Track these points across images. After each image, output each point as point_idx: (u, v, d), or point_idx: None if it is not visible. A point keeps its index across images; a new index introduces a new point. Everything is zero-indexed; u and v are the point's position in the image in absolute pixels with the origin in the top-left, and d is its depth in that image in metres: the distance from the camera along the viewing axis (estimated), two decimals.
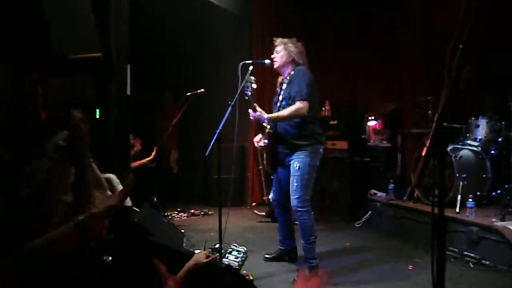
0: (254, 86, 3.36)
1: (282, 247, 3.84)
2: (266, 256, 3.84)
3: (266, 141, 3.57)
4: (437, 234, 1.05)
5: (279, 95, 3.63)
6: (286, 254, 3.83)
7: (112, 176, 2.77)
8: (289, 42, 3.57)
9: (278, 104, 3.59)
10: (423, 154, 1.04)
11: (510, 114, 4.05)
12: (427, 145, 1.04)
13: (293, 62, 3.56)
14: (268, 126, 3.52)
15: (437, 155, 1.04)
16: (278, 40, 3.61)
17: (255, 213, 5.87)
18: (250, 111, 3.46)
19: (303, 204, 3.40)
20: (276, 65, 3.59)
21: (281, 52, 3.56)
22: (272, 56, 3.59)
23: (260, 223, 5.37)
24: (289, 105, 3.45)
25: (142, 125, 6.19)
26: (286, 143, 3.50)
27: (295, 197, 3.41)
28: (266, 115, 3.44)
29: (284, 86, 3.57)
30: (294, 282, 3.28)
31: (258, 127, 3.56)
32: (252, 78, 3.36)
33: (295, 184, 3.40)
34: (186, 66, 6.81)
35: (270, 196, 3.86)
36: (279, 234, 3.88)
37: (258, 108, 3.46)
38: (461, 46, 1.06)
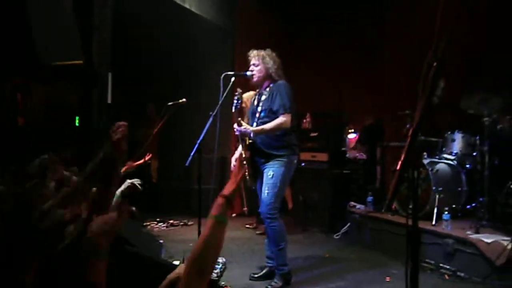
0: (241, 99, 3.39)
1: (270, 264, 3.63)
2: (254, 275, 3.66)
3: (244, 156, 3.57)
4: (411, 245, 1.08)
5: (257, 106, 3.65)
6: (274, 272, 3.58)
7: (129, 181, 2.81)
8: (266, 56, 3.57)
9: (257, 115, 3.60)
10: (398, 167, 1.07)
11: (483, 129, 4.16)
12: (401, 158, 1.07)
13: (270, 76, 3.58)
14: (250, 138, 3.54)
15: (411, 169, 1.07)
16: (254, 53, 3.60)
17: (246, 227, 5.77)
18: (235, 125, 3.48)
19: (272, 211, 3.42)
20: (255, 79, 3.59)
21: (259, 66, 3.57)
22: (250, 69, 3.60)
23: (240, 237, 5.36)
24: (269, 117, 3.49)
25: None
26: (263, 153, 3.52)
27: (265, 204, 3.43)
28: (250, 129, 3.46)
29: (263, 97, 3.59)
30: None
31: (239, 138, 3.56)
32: (240, 90, 3.39)
33: (266, 192, 3.43)
34: (169, 76, 6.80)
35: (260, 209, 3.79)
36: (266, 249, 3.68)
37: (243, 123, 3.48)
38: (434, 63, 1.10)
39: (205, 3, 6.06)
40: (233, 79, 3.44)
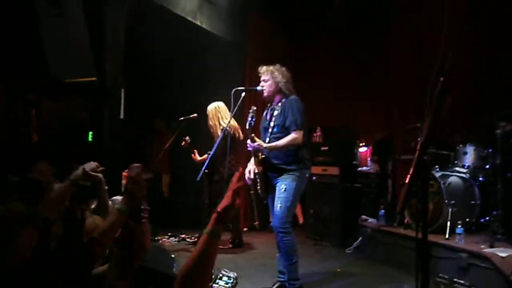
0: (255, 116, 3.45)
1: (282, 279, 3.59)
2: None
3: (256, 171, 3.61)
4: (421, 258, 1.08)
5: (270, 121, 3.68)
6: (286, 287, 3.56)
7: (118, 198, 2.82)
8: (275, 70, 3.62)
9: (270, 130, 3.64)
10: (406, 181, 1.08)
11: (496, 141, 4.13)
12: (410, 172, 1.08)
13: (280, 90, 3.62)
14: (263, 153, 3.58)
15: (420, 182, 1.08)
16: (264, 68, 3.66)
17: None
18: (249, 141, 3.52)
19: (285, 225, 3.43)
20: (265, 94, 3.64)
21: (269, 82, 3.61)
22: (261, 85, 3.65)
23: (251, 251, 5.34)
24: (281, 132, 3.53)
25: (135, 148, 6.19)
26: (275, 167, 3.56)
27: (277, 218, 3.44)
28: (264, 145, 3.50)
29: (276, 113, 3.63)
30: None
31: (252, 153, 3.60)
32: (254, 108, 3.44)
33: (279, 205, 3.44)
34: (180, 91, 6.87)
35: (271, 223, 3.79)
36: (278, 264, 3.64)
37: (256, 139, 3.51)
38: (441, 78, 1.12)
39: (216, 20, 6.15)
40: (243, 94, 3.48)
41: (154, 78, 6.54)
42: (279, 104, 3.63)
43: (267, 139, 3.61)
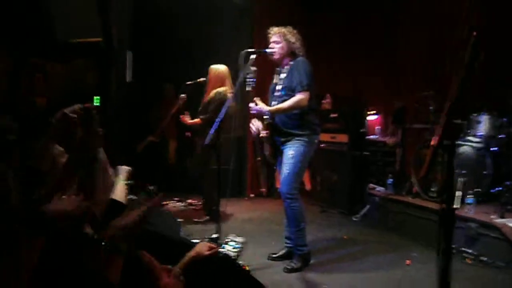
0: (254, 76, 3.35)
1: (289, 244, 3.63)
2: (272, 255, 3.66)
3: (266, 132, 3.53)
4: (444, 227, 1.02)
5: (276, 84, 3.58)
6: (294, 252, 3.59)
7: (124, 168, 2.77)
8: (287, 33, 3.48)
9: (276, 94, 3.54)
10: (432, 144, 1.01)
11: (511, 111, 4.02)
12: (438, 135, 1.01)
13: (292, 53, 3.50)
14: (268, 117, 3.49)
15: (446, 148, 1.01)
16: (275, 29, 3.51)
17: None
18: (252, 105, 3.43)
19: (293, 191, 3.39)
20: (276, 57, 3.51)
21: (281, 44, 3.48)
22: (270, 47, 3.52)
23: (259, 217, 5.34)
24: (288, 95, 3.41)
25: (141, 113, 6.14)
26: (283, 133, 3.47)
27: (285, 184, 3.39)
28: (267, 108, 3.41)
29: (283, 75, 3.51)
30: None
31: (256, 117, 3.52)
32: (253, 68, 3.32)
33: (287, 172, 3.38)
34: (187, 55, 6.74)
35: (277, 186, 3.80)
36: (286, 231, 3.66)
37: (259, 102, 3.42)
38: (474, 33, 1.03)
39: None
40: (252, 56, 3.37)
41: (161, 42, 6.42)
42: (286, 66, 3.51)
43: (274, 102, 3.51)
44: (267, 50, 3.51)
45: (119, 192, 2.00)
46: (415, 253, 3.82)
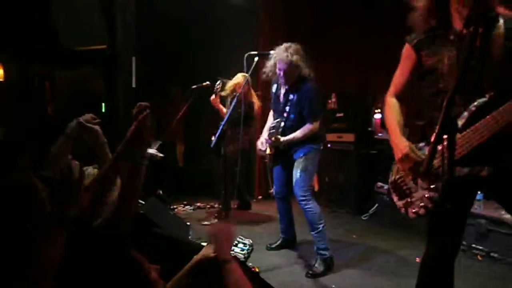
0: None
1: (283, 236, 3.99)
2: (270, 246, 3.96)
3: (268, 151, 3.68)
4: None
5: (285, 105, 3.58)
6: (288, 242, 4.00)
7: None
8: (291, 54, 3.36)
9: (285, 115, 3.58)
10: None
11: None
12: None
13: (299, 74, 3.47)
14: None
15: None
16: (277, 53, 3.41)
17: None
18: (264, 139, 3.70)
19: (306, 193, 3.44)
20: (286, 83, 3.49)
21: (289, 68, 3.39)
22: (278, 72, 3.45)
23: (267, 218, 5.35)
24: (298, 120, 3.51)
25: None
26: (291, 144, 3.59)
27: (298, 186, 3.44)
28: (282, 139, 3.50)
29: (291, 97, 3.53)
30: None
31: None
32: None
33: (299, 174, 3.45)
34: (192, 59, 6.78)
35: (273, 189, 3.90)
36: (280, 224, 4.01)
37: (276, 137, 3.50)
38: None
39: None
40: (256, 58, 3.39)
41: (167, 46, 6.46)
42: (295, 89, 3.50)
43: (283, 123, 3.57)
44: (271, 52, 3.51)
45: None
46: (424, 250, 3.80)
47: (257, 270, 3.14)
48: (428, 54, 1.88)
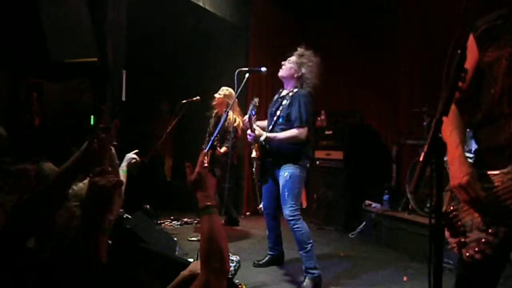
0: (256, 106, 3.45)
1: (272, 253, 3.93)
2: (257, 262, 3.90)
3: (254, 155, 3.61)
4: (435, 243, 1.03)
5: (277, 108, 3.61)
6: (275, 260, 3.94)
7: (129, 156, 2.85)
8: (307, 61, 3.54)
9: (275, 118, 3.59)
10: (420, 159, 1.03)
11: None
12: (424, 151, 1.03)
13: (299, 78, 3.55)
14: (262, 139, 3.56)
15: (433, 163, 1.03)
16: (300, 51, 3.59)
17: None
18: (249, 132, 3.50)
19: (294, 213, 3.41)
20: (280, 73, 3.60)
21: (292, 64, 3.55)
22: (282, 63, 3.60)
23: (255, 235, 5.32)
24: (286, 124, 3.49)
25: (136, 132, 6.15)
26: (277, 157, 3.55)
27: (286, 206, 3.42)
28: (264, 134, 3.46)
29: (285, 102, 3.56)
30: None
31: (253, 141, 3.59)
32: (257, 99, 3.43)
33: (286, 194, 3.42)
34: (183, 74, 6.80)
35: (261, 205, 3.87)
36: (268, 241, 3.95)
37: (256, 127, 3.47)
38: (459, 51, 1.05)
39: (218, 1, 6.03)
40: (247, 75, 3.41)
41: (158, 61, 6.48)
42: (290, 94, 3.55)
43: (271, 127, 3.58)
44: (262, 69, 3.55)
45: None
46: (412, 269, 3.81)
47: (243, 287, 3.10)
48: (489, 48, 1.51)
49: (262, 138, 3.44)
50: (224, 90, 5.02)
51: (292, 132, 3.42)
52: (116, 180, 1.31)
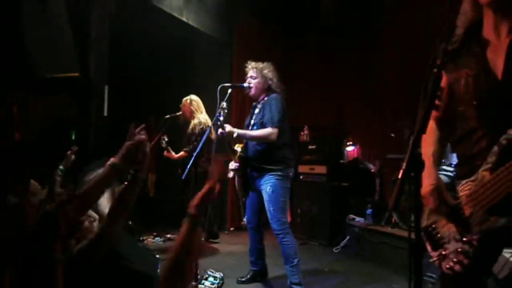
0: (225, 111, 3.40)
1: (254, 268, 3.86)
2: (240, 279, 3.82)
3: (237, 164, 3.58)
4: (414, 259, 1.04)
5: (251, 119, 3.66)
6: (259, 274, 3.88)
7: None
8: (265, 68, 3.58)
9: (250, 128, 3.63)
10: (399, 176, 1.04)
11: None
12: (403, 168, 1.04)
13: (268, 88, 3.59)
14: (239, 150, 3.55)
15: (412, 179, 1.04)
16: (252, 64, 3.61)
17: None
18: (220, 130, 3.48)
19: (282, 226, 3.39)
20: (253, 93, 3.60)
21: (258, 79, 3.58)
22: (248, 82, 3.60)
23: (238, 250, 5.28)
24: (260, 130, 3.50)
25: (119, 147, 6.09)
26: (256, 167, 3.52)
27: (274, 220, 3.39)
28: (235, 131, 3.44)
29: (257, 110, 3.60)
30: None
31: (229, 150, 3.57)
32: (225, 104, 3.38)
33: (272, 208, 3.40)
34: (166, 89, 6.79)
35: (244, 219, 3.85)
36: (250, 255, 3.89)
37: (227, 126, 3.45)
38: (434, 70, 1.08)
39: (202, 16, 6.07)
40: (230, 90, 3.42)
41: (141, 76, 6.46)
42: (261, 102, 3.59)
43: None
44: (244, 85, 3.58)
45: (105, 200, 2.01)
46: (396, 284, 3.82)
47: None
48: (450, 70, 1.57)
49: (235, 135, 3.44)
50: (192, 96, 5.02)
51: (263, 131, 3.42)
52: (61, 199, 1.30)
